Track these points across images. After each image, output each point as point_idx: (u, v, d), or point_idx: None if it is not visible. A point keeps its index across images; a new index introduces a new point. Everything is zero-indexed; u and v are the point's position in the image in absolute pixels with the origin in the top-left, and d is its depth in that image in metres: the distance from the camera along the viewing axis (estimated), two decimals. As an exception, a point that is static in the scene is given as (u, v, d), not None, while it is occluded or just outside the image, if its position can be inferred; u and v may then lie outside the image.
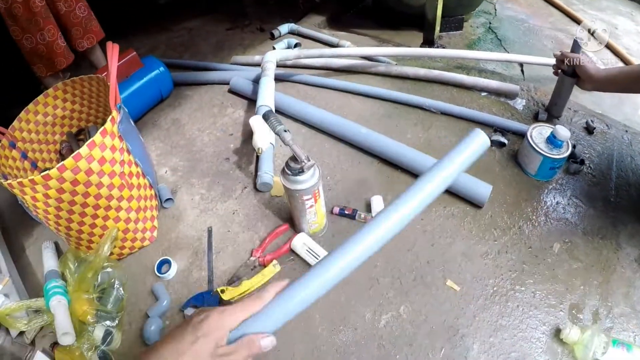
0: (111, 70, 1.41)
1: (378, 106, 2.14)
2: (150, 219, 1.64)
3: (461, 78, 2.18)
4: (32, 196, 1.28)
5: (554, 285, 1.40)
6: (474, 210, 1.62)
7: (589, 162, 1.76)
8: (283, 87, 2.31)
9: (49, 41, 2.22)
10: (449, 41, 2.98)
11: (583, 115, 1.97)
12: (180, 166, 1.98)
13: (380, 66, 2.37)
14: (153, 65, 2.30)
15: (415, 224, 1.59)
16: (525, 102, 2.06)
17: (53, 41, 2.24)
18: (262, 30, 3.17)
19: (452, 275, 1.44)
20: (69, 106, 1.87)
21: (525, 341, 1.28)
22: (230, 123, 2.18)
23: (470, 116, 1.97)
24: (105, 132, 1.31)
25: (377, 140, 1.82)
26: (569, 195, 1.65)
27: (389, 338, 1.31)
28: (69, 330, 1.32)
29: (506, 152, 1.82)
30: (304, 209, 1.45)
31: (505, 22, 3.21)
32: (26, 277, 1.65)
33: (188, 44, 3.17)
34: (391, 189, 1.71)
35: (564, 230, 1.55)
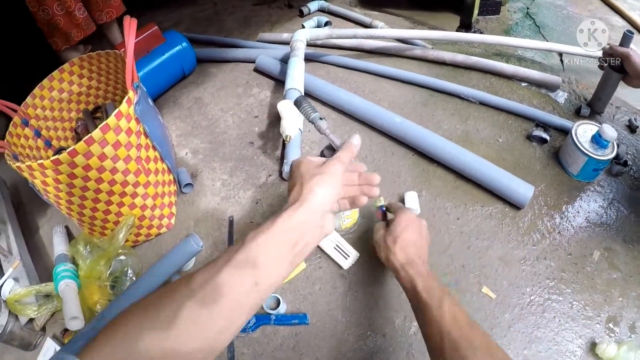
0: (128, 47, 1.32)
1: (413, 92, 2.06)
2: (168, 205, 1.58)
3: (501, 66, 2.09)
4: (42, 180, 1.23)
5: (592, 295, 1.33)
6: (513, 211, 1.54)
7: (631, 164, 1.67)
8: (312, 68, 2.24)
9: (67, 12, 2.17)
10: (486, 26, 2.89)
11: (626, 112, 1.89)
12: (201, 148, 1.91)
13: (416, 49, 2.28)
14: (175, 40, 2.24)
15: (451, 224, 1.52)
16: (567, 95, 1.97)
17: (71, 12, 2.19)
18: (291, 7, 3.10)
19: (487, 282, 1.37)
20: (85, 82, 1.81)
21: (560, 354, 1.22)
22: (256, 104, 2.11)
23: (511, 108, 1.88)
24: (120, 114, 1.24)
25: (412, 131, 1.74)
26: (611, 199, 1.58)
27: (418, 347, 1.25)
28: (78, 315, 1.30)
29: (547, 148, 1.73)
30: None
31: (543, 8, 3.12)
32: (38, 258, 1.61)
33: (213, 19, 3.10)
34: (427, 185, 1.64)
35: (604, 236, 1.47)
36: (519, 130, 1.80)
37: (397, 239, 1.19)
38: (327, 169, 0.92)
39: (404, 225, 1.23)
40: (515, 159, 1.69)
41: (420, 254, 1.18)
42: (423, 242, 1.23)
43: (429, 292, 1.01)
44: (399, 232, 1.21)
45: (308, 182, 0.88)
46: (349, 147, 1.02)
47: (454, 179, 1.65)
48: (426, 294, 1.01)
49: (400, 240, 1.19)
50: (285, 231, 0.80)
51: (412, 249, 1.17)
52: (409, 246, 1.18)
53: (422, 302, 1.00)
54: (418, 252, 1.18)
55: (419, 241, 1.22)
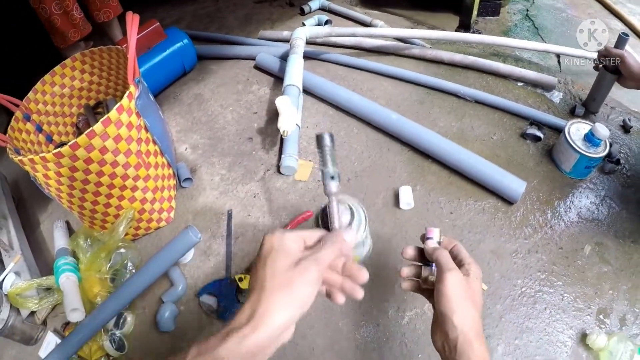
0: (130, 43, 1.35)
1: (410, 90, 2.08)
2: (167, 199, 1.60)
3: (497, 66, 2.11)
4: (43, 174, 1.25)
5: (582, 288, 1.36)
6: (506, 206, 1.57)
7: (624, 162, 1.70)
8: (311, 66, 2.26)
9: (64, 11, 2.19)
10: (485, 26, 2.90)
11: (620, 113, 1.91)
12: (200, 144, 1.93)
13: (414, 49, 2.30)
14: (177, 37, 2.26)
15: (444, 218, 1.55)
16: (562, 95, 2.00)
17: (68, 12, 2.21)
18: (292, 5, 3.11)
19: (480, 273, 1.39)
20: (87, 78, 1.83)
21: (551, 345, 1.25)
22: (255, 101, 2.13)
23: (506, 107, 1.91)
24: (121, 108, 1.27)
25: (408, 128, 1.76)
26: (603, 195, 1.60)
27: (411, 336, 1.28)
28: (79, 307, 1.32)
29: (541, 146, 1.75)
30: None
31: (542, 10, 3.12)
32: (39, 253, 1.63)
33: (214, 16, 3.12)
34: (421, 180, 1.67)
35: (595, 231, 1.50)
36: (514, 128, 1.83)
37: (477, 303, 0.88)
38: (297, 278, 0.70)
39: (479, 281, 0.92)
40: (509, 156, 1.71)
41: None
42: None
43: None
44: (479, 292, 0.90)
45: (268, 297, 0.69)
46: (337, 243, 0.78)
47: (448, 175, 1.67)
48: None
49: (479, 305, 0.88)
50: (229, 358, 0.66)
51: (480, 317, 0.88)
52: (480, 312, 0.88)
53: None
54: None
55: (481, 306, 0.90)
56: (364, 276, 0.78)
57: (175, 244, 1.32)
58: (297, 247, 0.77)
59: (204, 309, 1.38)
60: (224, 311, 1.36)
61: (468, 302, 0.84)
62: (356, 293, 0.78)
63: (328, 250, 0.75)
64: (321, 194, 1.65)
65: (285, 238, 0.76)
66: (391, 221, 1.55)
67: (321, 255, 0.74)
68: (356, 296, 0.78)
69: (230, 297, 1.38)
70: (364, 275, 0.78)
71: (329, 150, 0.90)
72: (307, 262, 0.72)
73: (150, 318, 1.40)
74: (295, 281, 0.69)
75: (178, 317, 1.39)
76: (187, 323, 1.38)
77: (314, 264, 0.72)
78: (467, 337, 0.80)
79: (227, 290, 1.40)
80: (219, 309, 1.37)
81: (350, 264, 0.80)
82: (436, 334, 0.86)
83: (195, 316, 1.39)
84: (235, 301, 1.38)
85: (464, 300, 0.84)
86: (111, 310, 1.27)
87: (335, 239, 0.78)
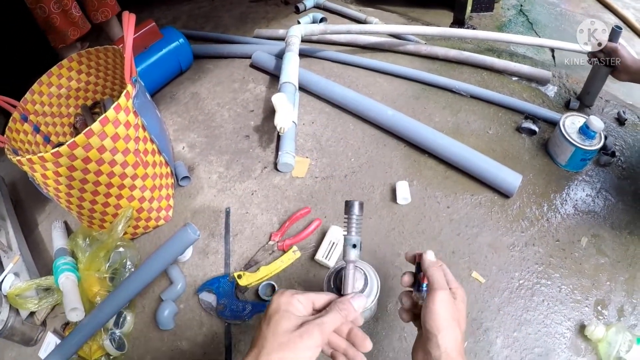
0: (127, 42, 1.35)
1: (406, 87, 2.09)
2: (165, 197, 1.60)
3: (492, 61, 2.12)
4: (42, 173, 1.25)
5: (580, 280, 1.37)
6: (502, 199, 1.58)
7: (619, 155, 1.71)
8: (307, 63, 2.27)
9: (63, 10, 2.19)
10: (479, 22, 2.90)
11: (614, 106, 1.92)
12: (198, 142, 1.94)
13: (409, 45, 2.31)
14: (173, 36, 2.26)
15: (441, 212, 1.56)
16: (557, 89, 2.01)
17: (67, 10, 2.21)
18: (287, 4, 3.11)
19: (477, 267, 1.41)
20: (84, 78, 1.83)
21: (549, 336, 1.26)
22: (252, 99, 2.13)
23: (501, 101, 1.92)
24: (119, 107, 1.27)
25: (403, 123, 1.77)
26: (599, 187, 1.62)
27: (410, 330, 1.28)
28: (78, 306, 1.31)
29: (536, 140, 1.77)
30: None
31: (536, 5, 3.12)
32: (38, 254, 1.64)
33: (210, 16, 3.12)
34: (417, 175, 1.67)
35: (592, 223, 1.52)
36: (509, 122, 1.84)
37: (462, 324, 0.86)
38: (298, 341, 0.71)
39: (465, 303, 0.91)
40: (505, 150, 1.72)
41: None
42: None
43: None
44: (464, 313, 0.89)
45: (268, 355, 0.71)
46: (344, 310, 0.79)
47: (445, 169, 1.68)
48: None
49: (463, 326, 0.87)
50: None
51: (464, 339, 0.91)
52: (463, 333, 0.87)
53: None
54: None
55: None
56: (367, 346, 0.78)
57: (174, 242, 1.32)
58: (305, 308, 0.79)
59: (203, 306, 1.39)
60: (223, 309, 1.36)
61: (454, 323, 0.83)
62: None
63: (334, 316, 0.77)
64: (319, 190, 1.67)
65: (294, 299, 0.78)
66: (388, 216, 1.56)
67: (326, 321, 0.75)
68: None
69: (230, 294, 1.39)
70: (367, 345, 0.78)
71: (355, 218, 0.89)
72: (310, 326, 0.73)
73: (149, 316, 1.40)
74: (296, 344, 0.71)
75: (178, 315, 1.39)
76: (187, 321, 1.38)
77: (317, 329, 0.73)
78: (449, 357, 0.80)
79: (226, 287, 1.40)
80: (218, 306, 1.37)
81: (355, 332, 0.80)
82: (417, 353, 0.86)
83: (194, 314, 1.39)
84: (234, 298, 1.38)
85: (451, 320, 0.83)
86: (111, 310, 1.27)
87: (343, 306, 0.79)
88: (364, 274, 0.98)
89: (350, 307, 0.80)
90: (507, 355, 1.23)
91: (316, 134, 1.88)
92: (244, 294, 1.40)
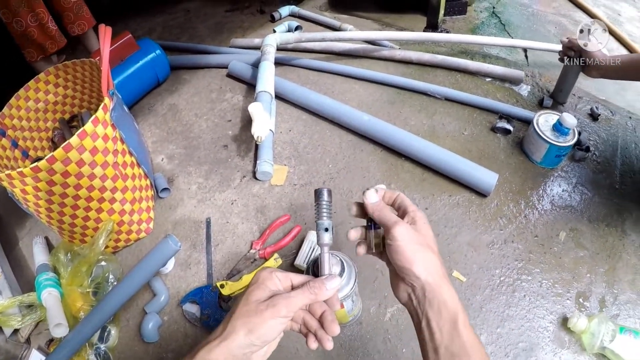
0: (103, 55, 1.36)
1: (381, 92, 2.11)
2: (145, 210, 1.60)
3: (465, 63, 2.14)
4: (21, 189, 1.24)
5: (560, 273, 1.39)
6: (480, 199, 1.60)
7: (594, 149, 1.74)
8: (283, 72, 2.28)
9: (40, 23, 2.19)
10: (453, 25, 2.93)
11: (587, 102, 1.95)
12: (177, 154, 1.94)
13: (384, 50, 2.32)
14: (149, 48, 2.26)
15: (419, 214, 1.55)
16: (530, 88, 2.04)
17: (44, 24, 2.21)
18: (262, 13, 3.13)
19: (458, 266, 1.42)
20: (61, 91, 1.83)
21: (533, 331, 1.28)
22: (229, 109, 2.14)
23: (475, 102, 1.94)
24: (97, 120, 1.27)
25: (380, 128, 1.78)
26: (575, 182, 1.64)
27: (394, 332, 1.30)
28: (62, 321, 1.30)
29: (511, 139, 1.79)
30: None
31: (508, 7, 3.16)
32: (19, 270, 1.62)
33: (185, 26, 3.13)
34: (395, 178, 1.69)
35: (569, 218, 1.54)
36: (484, 123, 1.86)
37: (433, 247, 0.85)
38: (264, 310, 0.76)
39: (427, 224, 0.89)
40: (480, 150, 1.75)
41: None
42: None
43: (469, 335, 0.76)
44: (431, 235, 0.87)
45: (235, 319, 0.77)
46: (314, 288, 0.81)
47: (422, 172, 1.70)
48: (467, 337, 0.76)
49: (436, 248, 0.86)
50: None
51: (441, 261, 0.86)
52: (439, 256, 0.86)
53: (463, 346, 0.75)
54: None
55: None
56: (334, 330, 0.80)
57: (155, 254, 1.32)
58: (282, 284, 0.83)
59: (187, 317, 1.39)
60: (207, 319, 1.37)
61: (423, 248, 0.83)
62: (324, 343, 0.81)
63: (302, 292, 0.80)
64: (297, 197, 1.68)
65: (273, 275, 0.83)
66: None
67: (293, 295, 0.79)
68: (324, 346, 0.81)
69: (213, 304, 1.39)
70: (334, 329, 0.80)
71: (325, 203, 0.92)
72: (278, 299, 0.77)
73: (134, 330, 1.40)
74: (262, 312, 0.76)
75: (162, 327, 1.39)
76: (172, 333, 1.38)
77: (284, 302, 0.77)
78: (433, 284, 0.80)
79: (209, 297, 1.40)
80: (202, 316, 1.37)
81: (326, 314, 0.82)
82: (399, 288, 0.85)
83: (179, 325, 1.39)
84: (217, 308, 1.38)
85: (419, 248, 0.83)
86: (95, 324, 1.26)
87: (314, 284, 0.81)
88: (340, 261, 1.00)
89: (322, 286, 0.81)
90: (492, 352, 1.24)
91: (294, 142, 1.89)
92: (228, 303, 1.39)
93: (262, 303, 0.77)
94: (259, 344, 0.77)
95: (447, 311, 0.77)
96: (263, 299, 0.78)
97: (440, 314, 0.78)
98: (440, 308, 0.78)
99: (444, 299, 0.78)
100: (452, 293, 0.79)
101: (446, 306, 0.78)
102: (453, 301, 0.78)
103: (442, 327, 0.77)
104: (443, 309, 0.78)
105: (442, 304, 0.78)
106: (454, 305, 0.78)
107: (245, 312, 0.77)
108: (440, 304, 0.78)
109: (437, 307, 0.78)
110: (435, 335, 0.77)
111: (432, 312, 0.78)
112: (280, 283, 0.83)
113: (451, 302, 0.78)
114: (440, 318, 0.77)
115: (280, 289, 0.82)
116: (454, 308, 0.78)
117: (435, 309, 0.78)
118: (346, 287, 1.02)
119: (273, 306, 0.76)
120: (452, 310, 0.77)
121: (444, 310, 0.78)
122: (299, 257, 1.44)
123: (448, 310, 0.77)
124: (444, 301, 0.78)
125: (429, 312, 0.79)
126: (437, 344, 0.77)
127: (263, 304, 0.77)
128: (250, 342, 0.75)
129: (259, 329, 0.75)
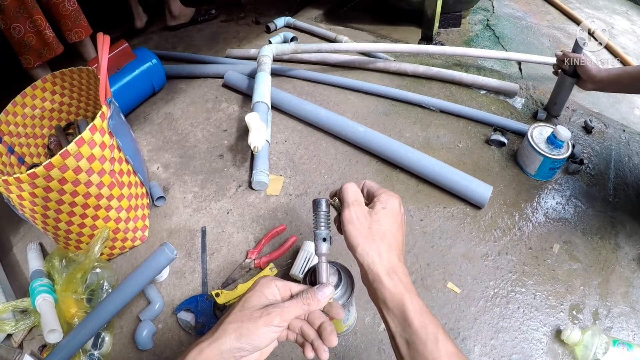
0: (101, 63, 1.36)
1: (376, 103, 2.12)
2: (141, 218, 1.60)
3: (460, 76, 2.16)
4: (18, 195, 1.24)
5: (554, 286, 1.40)
6: (474, 211, 1.61)
7: (587, 162, 1.76)
8: (279, 82, 2.29)
9: (37, 30, 2.18)
10: (447, 38, 2.94)
11: (581, 115, 1.97)
12: (172, 163, 1.94)
13: (379, 62, 2.34)
14: (145, 57, 2.26)
15: (414, 225, 1.57)
16: (524, 101, 2.05)
17: (41, 31, 2.20)
18: (258, 23, 3.14)
19: (452, 278, 1.43)
20: (57, 99, 1.83)
21: (526, 343, 1.28)
22: (225, 118, 2.14)
23: (469, 115, 1.95)
24: (94, 128, 1.27)
25: (375, 139, 1.79)
26: (568, 195, 1.65)
27: (389, 342, 1.27)
28: (56, 327, 1.30)
29: (506, 151, 1.80)
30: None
31: (502, 20, 3.18)
32: (13, 276, 1.61)
33: (181, 36, 3.13)
34: (390, 189, 1.61)
35: (563, 230, 1.55)
36: (478, 135, 1.88)
37: (386, 234, 0.87)
38: (257, 318, 0.77)
39: (388, 211, 0.90)
40: (475, 162, 1.76)
41: (401, 254, 0.89)
42: (402, 234, 0.92)
43: (422, 321, 0.78)
44: (387, 222, 0.88)
45: (228, 323, 0.78)
46: (307, 299, 0.83)
47: (417, 183, 1.71)
48: (419, 323, 0.77)
49: (390, 236, 0.87)
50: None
51: (397, 249, 0.88)
52: (394, 244, 0.87)
53: (415, 332, 0.77)
54: (400, 253, 0.89)
55: (400, 236, 0.91)
56: (332, 341, 0.82)
57: (151, 262, 1.32)
58: (280, 293, 0.85)
59: (181, 325, 1.38)
60: (201, 327, 1.36)
61: (372, 236, 0.85)
62: (321, 354, 0.82)
63: (295, 303, 0.82)
64: (293, 207, 1.68)
65: (272, 283, 0.85)
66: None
67: (287, 305, 0.80)
68: (320, 356, 0.82)
69: (208, 312, 1.39)
70: (332, 341, 0.82)
71: (323, 214, 0.94)
72: (272, 308, 0.79)
73: (128, 337, 1.39)
74: (256, 320, 0.77)
75: (156, 335, 1.38)
76: (166, 340, 1.37)
77: (278, 311, 0.79)
78: (375, 273, 0.82)
79: (204, 306, 1.40)
80: (197, 325, 1.37)
81: (325, 325, 0.83)
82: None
83: (173, 333, 1.39)
84: (212, 316, 1.38)
85: (366, 233, 0.85)
86: (89, 331, 1.26)
87: (306, 294, 0.84)
88: (337, 270, 1.01)
89: (314, 296, 0.83)
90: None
91: (289, 152, 1.89)
92: (222, 312, 1.39)
93: (257, 310, 0.79)
94: (249, 350, 0.78)
95: (392, 301, 0.80)
96: (259, 306, 0.80)
97: (386, 303, 0.81)
98: (385, 297, 0.81)
99: (385, 291, 0.81)
100: (395, 286, 0.81)
101: (391, 295, 0.80)
102: (397, 290, 0.80)
103: (392, 316, 0.80)
104: (388, 298, 0.80)
105: (387, 293, 0.80)
106: (398, 294, 0.80)
107: (239, 317, 0.79)
108: (384, 293, 0.81)
109: (382, 297, 0.81)
110: (390, 324, 0.81)
111: (380, 302, 0.82)
112: (279, 292, 0.84)
113: (395, 290, 0.80)
114: (388, 309, 0.81)
115: (277, 299, 0.84)
116: (399, 297, 0.79)
117: (380, 298, 0.82)
118: (343, 297, 1.03)
119: (267, 314, 0.78)
120: (397, 299, 0.80)
121: (389, 300, 0.80)
122: (294, 267, 1.44)
123: (393, 299, 0.80)
124: (389, 290, 0.80)
125: (379, 302, 0.83)
126: (392, 332, 0.80)
127: (258, 311, 0.79)
128: (240, 347, 0.76)
129: (250, 335, 0.76)
